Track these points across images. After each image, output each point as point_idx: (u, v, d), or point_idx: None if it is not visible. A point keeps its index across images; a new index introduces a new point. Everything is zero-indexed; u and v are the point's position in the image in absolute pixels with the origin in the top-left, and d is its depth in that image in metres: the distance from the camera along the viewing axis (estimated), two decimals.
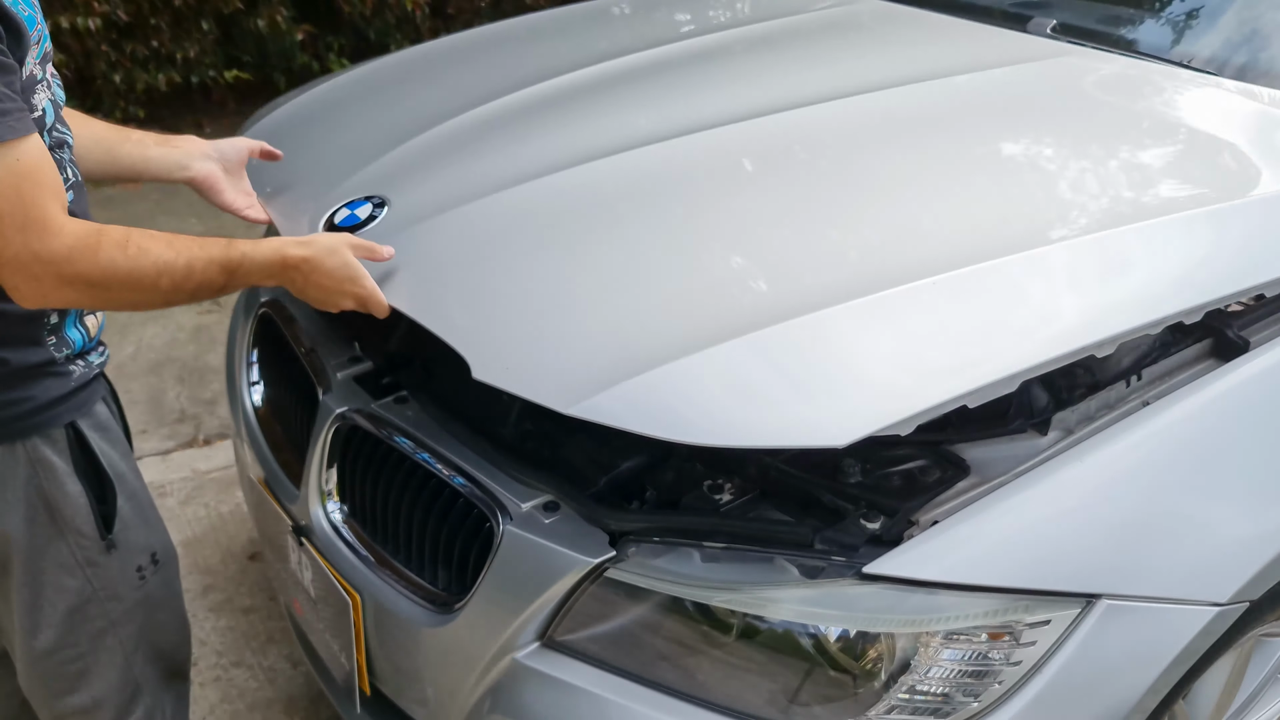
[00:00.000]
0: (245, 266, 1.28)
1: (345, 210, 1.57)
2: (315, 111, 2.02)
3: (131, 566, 1.38)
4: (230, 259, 1.26)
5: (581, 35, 2.26)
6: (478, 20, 5.79)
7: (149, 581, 1.41)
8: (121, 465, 1.35)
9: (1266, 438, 1.29)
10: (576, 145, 1.64)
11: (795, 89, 1.78)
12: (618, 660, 1.25)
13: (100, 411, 1.32)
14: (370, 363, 1.59)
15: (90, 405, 1.30)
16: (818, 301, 1.24)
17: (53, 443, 1.26)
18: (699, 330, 1.23)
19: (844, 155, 1.60)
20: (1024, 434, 1.27)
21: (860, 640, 1.17)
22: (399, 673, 1.49)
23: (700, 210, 1.47)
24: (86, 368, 1.30)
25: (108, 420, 1.34)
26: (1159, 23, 2.03)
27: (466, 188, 1.56)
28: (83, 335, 1.29)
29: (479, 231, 1.46)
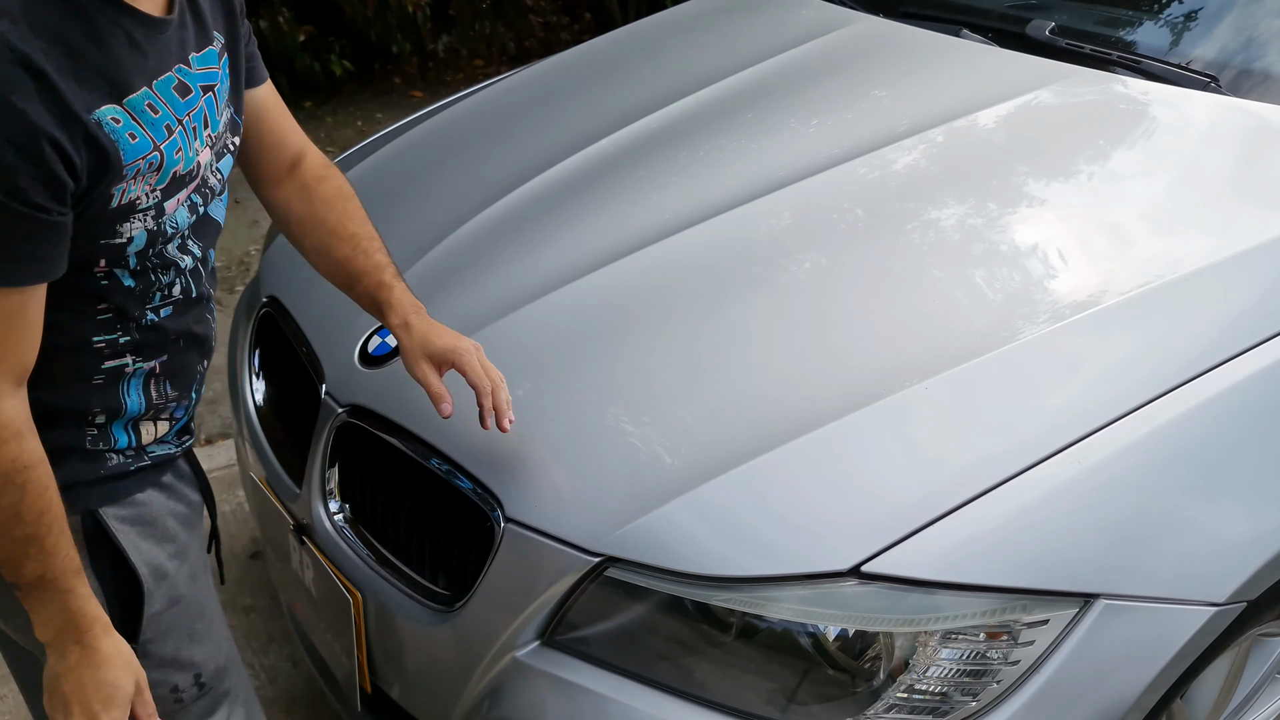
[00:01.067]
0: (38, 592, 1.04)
1: (377, 339, 1.58)
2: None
3: (164, 685, 1.18)
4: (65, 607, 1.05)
5: (587, 97, 2.19)
6: (478, 22, 5.80)
7: (187, 707, 1.21)
8: (166, 565, 1.17)
9: (1264, 438, 1.29)
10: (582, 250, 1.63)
11: (788, 161, 1.75)
12: (617, 659, 1.25)
13: (145, 501, 1.16)
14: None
15: (127, 495, 1.14)
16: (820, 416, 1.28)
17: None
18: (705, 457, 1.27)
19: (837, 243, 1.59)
20: None
21: (859, 639, 1.18)
22: (400, 671, 1.49)
23: (696, 325, 1.47)
24: (131, 458, 1.14)
25: (156, 513, 1.17)
26: (1166, 32, 2.03)
27: (482, 307, 1.56)
28: (131, 439, 1.14)
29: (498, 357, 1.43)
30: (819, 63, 2.07)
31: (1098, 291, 1.39)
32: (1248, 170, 1.62)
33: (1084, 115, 1.77)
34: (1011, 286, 1.44)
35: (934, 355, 1.33)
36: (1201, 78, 1.78)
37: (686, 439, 1.30)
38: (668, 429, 1.32)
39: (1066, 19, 2.03)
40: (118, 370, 1.10)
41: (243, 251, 3.88)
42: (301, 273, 1.84)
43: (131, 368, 1.11)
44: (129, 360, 1.11)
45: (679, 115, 1.97)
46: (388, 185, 2.01)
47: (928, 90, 1.89)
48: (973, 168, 1.68)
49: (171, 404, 1.17)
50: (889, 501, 1.19)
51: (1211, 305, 1.38)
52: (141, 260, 1.07)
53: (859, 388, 1.31)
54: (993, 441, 1.24)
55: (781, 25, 2.26)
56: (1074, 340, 1.34)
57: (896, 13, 2.19)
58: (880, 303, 1.45)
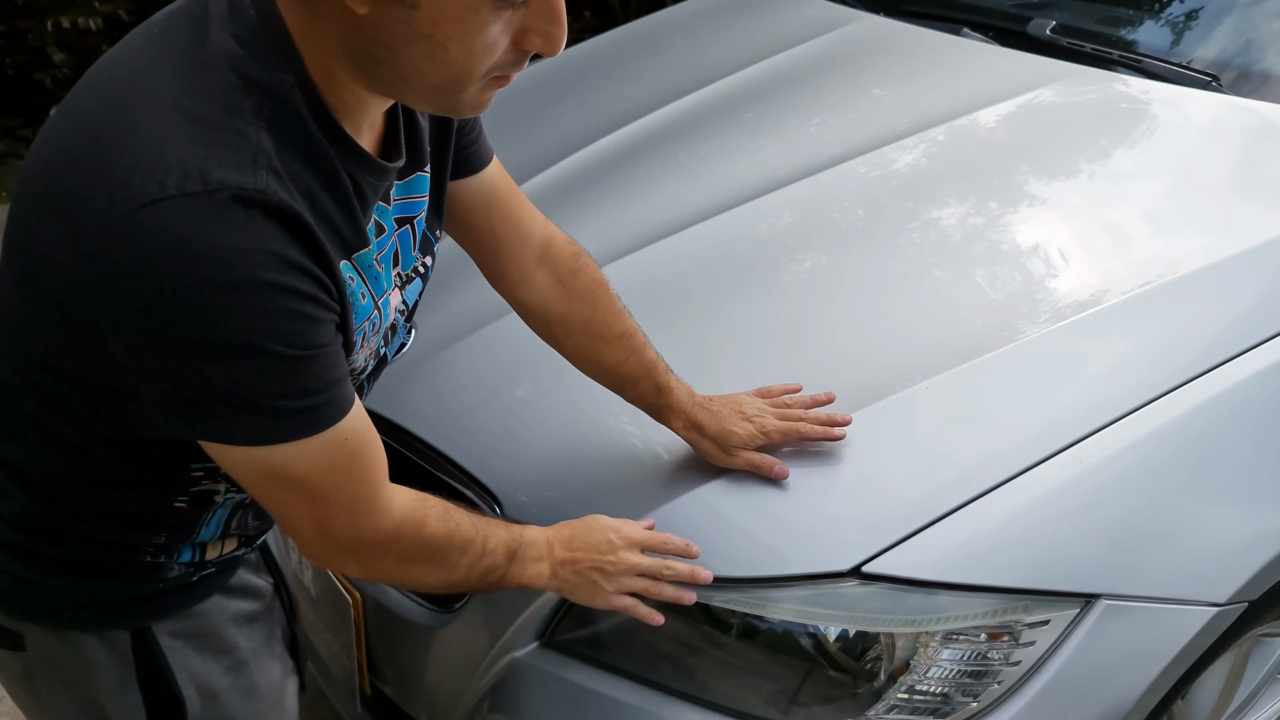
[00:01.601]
0: (522, 550, 1.09)
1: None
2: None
3: None
4: (512, 540, 1.09)
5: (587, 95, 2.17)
6: None
7: None
8: (218, 682, 1.07)
9: (1265, 439, 1.29)
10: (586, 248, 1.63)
11: (788, 160, 1.74)
12: (617, 660, 1.25)
13: (204, 611, 1.06)
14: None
15: (184, 607, 1.04)
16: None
17: (110, 645, 1.01)
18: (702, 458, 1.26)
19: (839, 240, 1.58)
20: None
21: (860, 640, 1.17)
22: (399, 672, 1.49)
23: (696, 324, 1.47)
24: (194, 570, 1.04)
25: (215, 623, 1.07)
26: (1167, 31, 2.03)
27: (481, 307, 1.54)
28: (195, 555, 1.04)
29: (498, 357, 1.44)
30: (820, 61, 2.07)
31: (1099, 291, 1.39)
32: (1248, 170, 1.62)
33: (1085, 114, 1.77)
34: (1012, 286, 1.44)
35: (935, 355, 1.33)
36: (1203, 77, 1.78)
37: (679, 445, 1.30)
38: (666, 433, 1.32)
39: (1067, 18, 2.03)
40: (205, 496, 0.99)
41: None
42: None
43: (222, 497, 1.00)
44: (221, 489, 0.99)
45: (679, 114, 1.97)
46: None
47: (929, 89, 1.89)
48: (974, 167, 1.68)
49: (250, 531, 1.08)
50: (890, 502, 1.19)
51: (1212, 305, 1.38)
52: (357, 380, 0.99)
53: (860, 387, 1.30)
54: (994, 441, 1.24)
55: (782, 24, 2.26)
56: (1075, 340, 1.33)
57: (897, 11, 2.19)
58: (881, 302, 1.45)
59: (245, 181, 0.77)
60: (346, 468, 0.90)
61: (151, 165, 0.76)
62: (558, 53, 0.83)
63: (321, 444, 0.86)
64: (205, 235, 0.76)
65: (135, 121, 0.79)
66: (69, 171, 0.80)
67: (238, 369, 0.80)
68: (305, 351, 0.82)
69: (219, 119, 0.78)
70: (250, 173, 0.78)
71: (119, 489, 0.95)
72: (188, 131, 0.78)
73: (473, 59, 0.81)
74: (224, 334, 0.78)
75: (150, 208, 0.75)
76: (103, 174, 0.77)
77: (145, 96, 0.80)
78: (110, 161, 0.78)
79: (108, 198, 0.77)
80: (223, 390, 0.81)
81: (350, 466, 0.91)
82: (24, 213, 0.84)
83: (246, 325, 0.78)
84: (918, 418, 1.28)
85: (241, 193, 0.77)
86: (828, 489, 1.23)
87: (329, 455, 0.88)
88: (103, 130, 0.80)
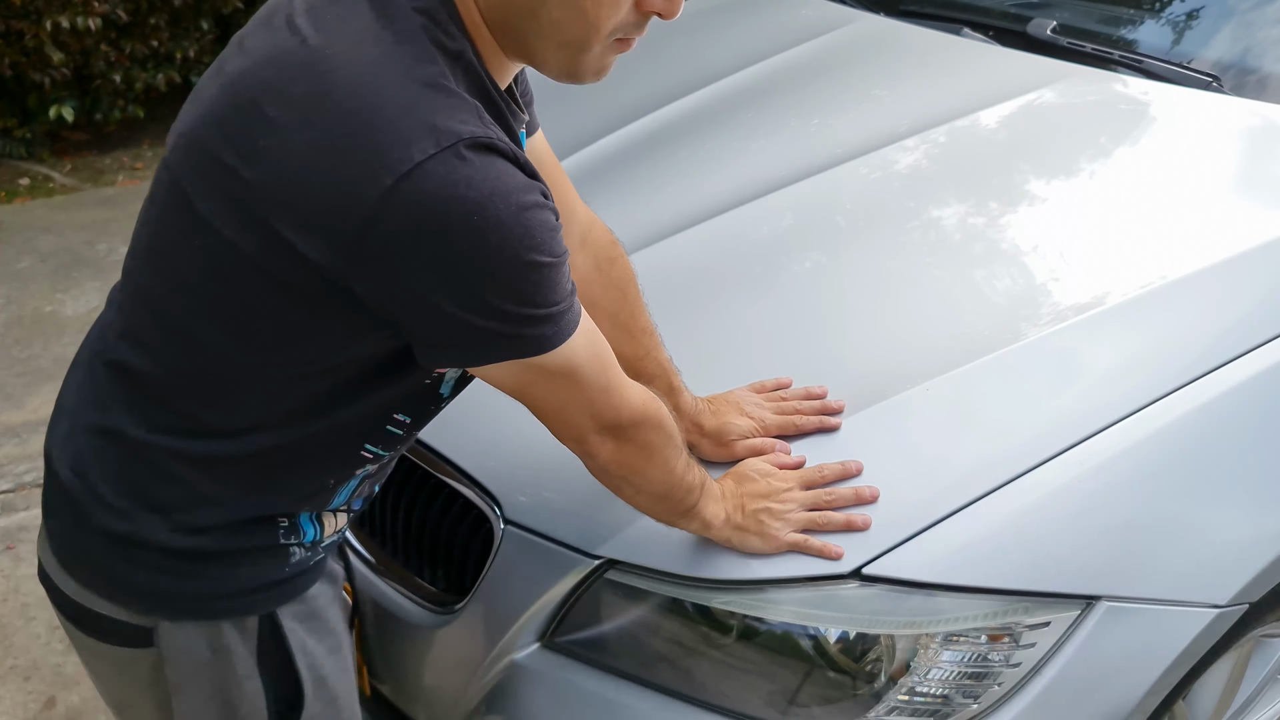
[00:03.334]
0: (709, 483, 1.17)
1: None
2: None
3: None
4: (702, 470, 1.16)
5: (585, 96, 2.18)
6: None
7: None
8: (325, 665, 1.14)
9: (1266, 440, 1.29)
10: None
11: (788, 160, 1.74)
12: (617, 661, 1.25)
13: (316, 596, 1.13)
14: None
15: (302, 591, 1.11)
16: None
17: (243, 630, 1.07)
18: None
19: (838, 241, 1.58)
20: None
21: (860, 642, 1.17)
22: (399, 673, 1.49)
23: (697, 325, 1.46)
24: (310, 553, 1.11)
25: (322, 607, 1.14)
26: (1168, 31, 2.03)
27: None
28: (316, 532, 1.10)
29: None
30: (820, 61, 2.06)
31: (1099, 292, 1.39)
32: (1249, 171, 1.62)
33: (1085, 115, 1.77)
34: (1013, 287, 1.44)
35: (935, 356, 1.33)
36: (1203, 77, 1.77)
37: None
38: None
39: (1068, 18, 2.03)
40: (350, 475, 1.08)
41: None
42: None
43: (362, 471, 1.09)
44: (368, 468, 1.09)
45: (679, 114, 1.96)
46: None
47: (929, 89, 1.89)
48: (974, 167, 1.68)
49: (362, 505, 1.16)
50: (890, 503, 1.19)
51: (1213, 306, 1.37)
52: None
53: (860, 388, 1.30)
54: (994, 443, 1.24)
55: (782, 24, 2.25)
56: (1076, 341, 1.33)
57: (897, 11, 2.18)
58: (882, 303, 1.44)
59: (477, 130, 0.87)
60: (598, 354, 1.02)
61: (400, 133, 0.84)
62: (676, 15, 0.95)
63: (580, 336, 0.98)
64: (469, 182, 0.85)
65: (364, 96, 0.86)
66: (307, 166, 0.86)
67: (528, 287, 0.90)
68: (560, 255, 0.92)
69: (437, 82, 0.88)
70: (477, 123, 0.88)
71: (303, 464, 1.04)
72: (420, 96, 0.87)
73: (601, 12, 0.91)
74: (512, 260, 0.87)
75: (415, 172, 0.83)
76: (358, 153, 0.85)
77: (367, 73, 0.87)
78: (359, 141, 0.85)
79: (370, 174, 0.84)
80: (512, 312, 0.90)
81: (601, 350, 1.02)
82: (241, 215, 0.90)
83: (529, 244, 0.88)
84: (918, 419, 1.27)
85: (475, 139, 0.86)
86: None
87: (586, 345, 0.99)
88: (338, 113, 0.86)
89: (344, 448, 1.04)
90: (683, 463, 1.11)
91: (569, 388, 1.00)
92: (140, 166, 4.60)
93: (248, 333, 0.94)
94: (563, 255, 0.93)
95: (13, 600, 2.31)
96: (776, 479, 1.20)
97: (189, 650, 1.06)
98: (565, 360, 0.97)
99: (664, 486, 1.11)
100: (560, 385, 1.00)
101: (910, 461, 1.23)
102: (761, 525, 1.17)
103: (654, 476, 1.10)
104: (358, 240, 0.85)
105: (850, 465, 1.20)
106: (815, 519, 1.17)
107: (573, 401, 1.02)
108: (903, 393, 1.28)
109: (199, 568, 1.04)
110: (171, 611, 1.05)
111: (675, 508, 1.14)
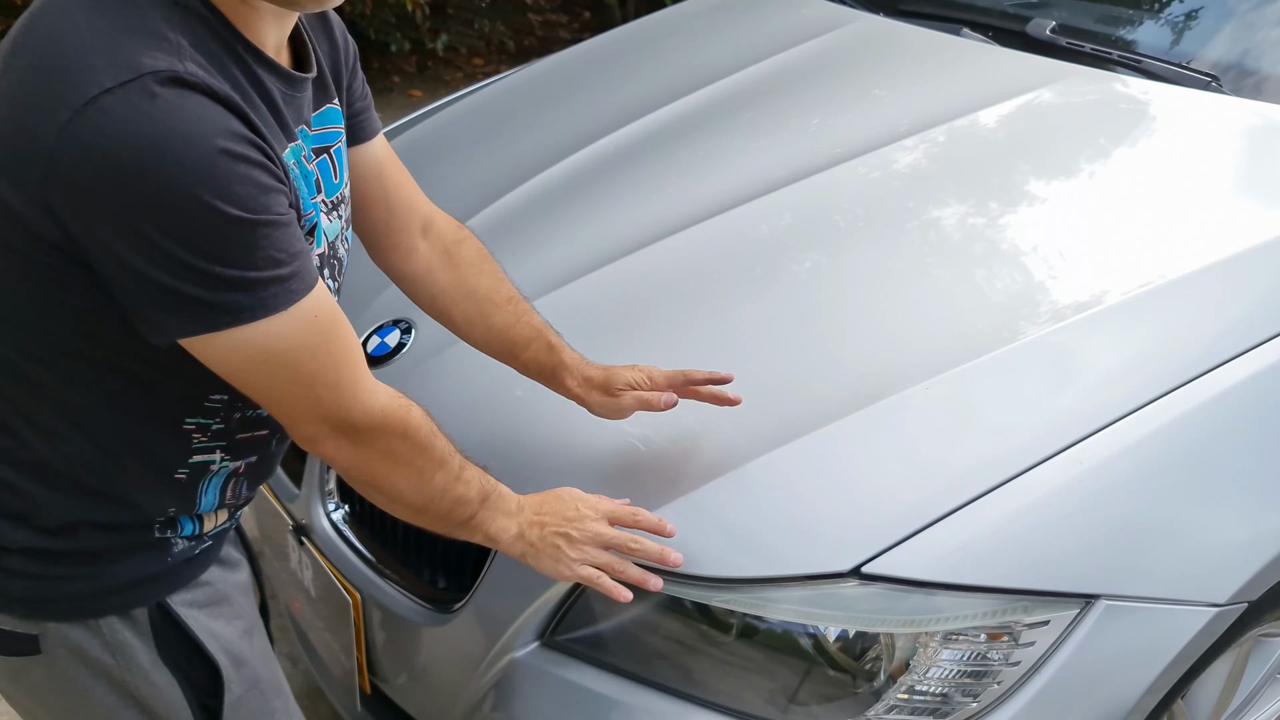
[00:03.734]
0: (495, 498, 1.12)
1: (376, 339, 1.55)
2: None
3: None
4: (488, 485, 1.11)
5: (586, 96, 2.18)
6: (476, 21, 5.79)
7: None
8: (241, 646, 1.11)
9: (1265, 439, 1.29)
10: (582, 250, 1.63)
11: (788, 160, 1.74)
12: (617, 660, 1.25)
13: (211, 580, 1.10)
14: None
15: (193, 577, 1.08)
16: (821, 416, 1.27)
17: (133, 624, 1.04)
18: (706, 457, 1.27)
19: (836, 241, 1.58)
20: None
21: (859, 640, 1.17)
22: (399, 672, 1.49)
23: (697, 325, 1.47)
24: (195, 544, 1.08)
25: (223, 590, 1.12)
26: (1167, 31, 2.03)
27: None
28: (196, 528, 1.08)
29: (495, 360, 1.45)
30: (819, 62, 2.06)
31: (1099, 291, 1.39)
32: (1248, 170, 1.62)
33: (1085, 115, 1.77)
34: (1012, 286, 1.44)
35: (935, 355, 1.33)
36: (1202, 77, 1.78)
37: (687, 439, 1.30)
38: (669, 429, 1.31)
39: (1067, 18, 2.03)
40: (202, 467, 1.04)
41: None
42: None
43: (217, 466, 1.05)
44: (217, 458, 1.05)
45: (679, 114, 1.97)
46: None
47: (928, 89, 1.89)
48: (973, 167, 1.68)
49: (243, 502, 1.13)
50: (890, 502, 1.19)
51: (1211, 306, 1.38)
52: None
53: (860, 388, 1.30)
54: (994, 442, 1.24)
55: (782, 24, 2.26)
56: (1075, 341, 1.33)
57: (897, 11, 2.19)
58: (881, 302, 1.45)
59: (176, 66, 0.82)
60: (325, 345, 0.94)
61: (81, 69, 0.81)
62: None
63: (296, 318, 0.90)
64: (150, 117, 0.80)
65: (59, 41, 0.83)
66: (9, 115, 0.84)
67: (212, 239, 0.83)
68: (261, 216, 0.85)
69: (136, 24, 0.83)
70: (178, 61, 0.83)
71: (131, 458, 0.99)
72: (109, 36, 0.82)
73: None
74: (189, 202, 0.81)
75: (90, 106, 0.79)
76: (41, 93, 0.82)
77: (60, 16, 0.85)
78: (44, 80, 0.82)
79: (50, 112, 0.80)
80: (195, 268, 0.84)
81: (329, 344, 0.94)
82: None
83: (212, 189, 0.81)
84: (918, 418, 1.27)
85: (174, 74, 0.82)
86: (827, 489, 1.23)
87: (305, 330, 0.91)
88: (32, 57, 0.84)
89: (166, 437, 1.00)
90: (447, 477, 1.06)
91: (289, 380, 0.93)
92: None
93: (15, 322, 0.91)
94: (266, 216, 0.85)
95: None
96: (586, 506, 1.14)
97: (81, 652, 1.03)
98: (275, 341, 0.90)
99: (419, 499, 1.06)
100: (278, 374, 0.92)
101: (909, 460, 1.23)
102: (556, 550, 1.12)
103: (404, 488, 1.04)
104: (42, 186, 0.82)
105: (667, 525, 1.16)
106: (612, 562, 1.12)
107: (296, 396, 0.95)
108: (902, 391, 1.29)
109: (75, 568, 1.01)
110: (53, 613, 1.02)
111: (443, 521, 1.10)
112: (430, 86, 5.52)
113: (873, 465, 1.24)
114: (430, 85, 5.54)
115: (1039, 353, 1.32)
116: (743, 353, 1.41)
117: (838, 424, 1.26)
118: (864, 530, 1.17)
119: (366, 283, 1.72)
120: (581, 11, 6.25)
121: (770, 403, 1.32)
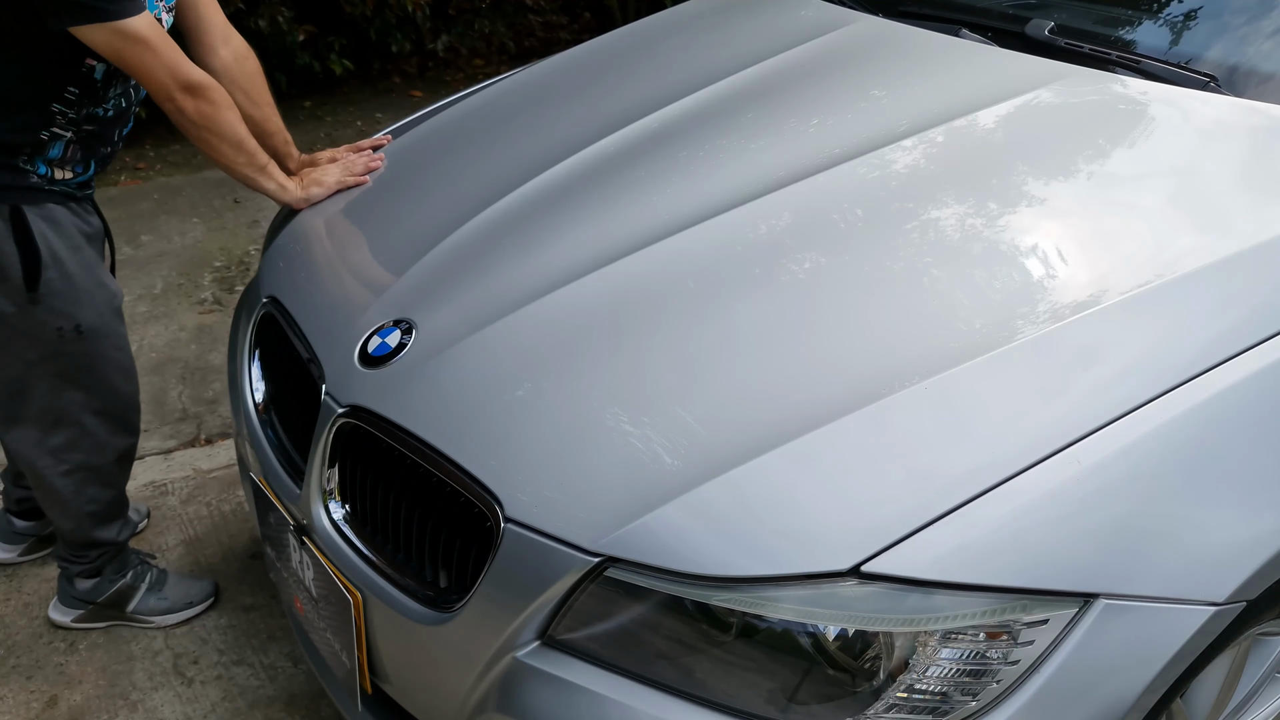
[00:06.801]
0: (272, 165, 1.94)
1: (377, 339, 1.57)
2: (333, 217, 1.99)
3: (51, 325, 1.85)
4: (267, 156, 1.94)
5: (587, 97, 2.19)
6: (477, 21, 5.79)
7: (67, 342, 1.88)
8: (63, 253, 1.83)
9: (1263, 439, 1.29)
10: (582, 250, 1.63)
11: (787, 161, 1.74)
12: (617, 659, 1.25)
13: (61, 218, 1.82)
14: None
15: (41, 203, 1.79)
16: (821, 415, 1.28)
17: (3, 218, 1.77)
18: (706, 456, 1.27)
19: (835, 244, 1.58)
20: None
21: (859, 639, 1.18)
22: (400, 671, 1.49)
23: (697, 325, 1.47)
24: (44, 182, 1.80)
25: (61, 219, 1.83)
26: (1165, 31, 2.03)
27: (482, 307, 1.56)
28: (48, 172, 1.80)
29: (498, 358, 1.46)
30: (819, 62, 2.07)
31: (1097, 291, 1.39)
32: (1247, 170, 1.62)
33: (1084, 115, 1.77)
34: (1011, 286, 1.44)
35: (934, 354, 1.33)
36: (1201, 77, 1.78)
37: (687, 439, 1.31)
38: (668, 429, 1.32)
39: (1066, 19, 2.03)
40: (56, 134, 1.80)
41: (242, 251, 3.88)
42: (301, 273, 1.84)
43: (64, 133, 1.81)
44: (67, 132, 1.81)
45: (679, 115, 1.97)
46: (388, 185, 2.01)
47: (927, 90, 1.89)
48: (972, 167, 1.68)
49: (77, 165, 1.85)
50: (889, 501, 1.20)
51: (1210, 305, 1.38)
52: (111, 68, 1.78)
53: (859, 387, 1.31)
54: (992, 441, 1.24)
55: (781, 25, 2.26)
56: (1074, 340, 1.34)
57: (896, 12, 2.19)
58: (880, 302, 1.45)
59: None
60: (167, 39, 1.73)
61: None
62: None
63: (148, 23, 1.69)
64: None
65: None
66: None
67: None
68: None
69: None
70: None
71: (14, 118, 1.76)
72: None
73: None
74: None
75: None
76: None
77: None
78: None
79: None
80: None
81: (168, 41, 1.73)
82: None
83: None
84: (917, 417, 1.28)
85: None
86: (826, 489, 1.23)
87: (153, 29, 1.70)
88: None
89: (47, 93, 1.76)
90: (247, 131, 1.86)
91: (148, 53, 1.69)
92: (143, 166, 4.60)
93: None
94: None
95: (15, 600, 2.32)
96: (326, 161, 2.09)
97: None
98: (135, 30, 1.66)
99: (236, 137, 1.83)
100: (141, 50, 1.68)
101: (909, 459, 1.24)
102: (314, 181, 2.00)
103: (226, 128, 1.81)
104: None
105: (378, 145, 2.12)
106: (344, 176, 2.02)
107: (155, 64, 1.70)
108: (902, 391, 1.29)
109: None
110: None
111: (252, 160, 1.87)
112: (431, 87, 5.53)
113: (872, 464, 1.24)
114: (431, 86, 5.55)
115: (1037, 352, 1.33)
116: (744, 351, 1.41)
117: (837, 423, 1.27)
118: (863, 530, 1.18)
119: (366, 284, 1.73)
120: (582, 12, 6.25)
121: (770, 402, 1.32)
